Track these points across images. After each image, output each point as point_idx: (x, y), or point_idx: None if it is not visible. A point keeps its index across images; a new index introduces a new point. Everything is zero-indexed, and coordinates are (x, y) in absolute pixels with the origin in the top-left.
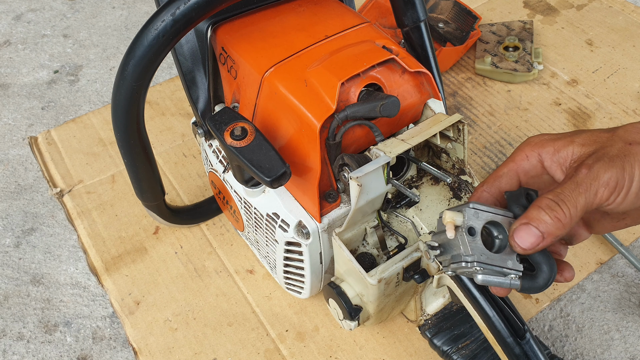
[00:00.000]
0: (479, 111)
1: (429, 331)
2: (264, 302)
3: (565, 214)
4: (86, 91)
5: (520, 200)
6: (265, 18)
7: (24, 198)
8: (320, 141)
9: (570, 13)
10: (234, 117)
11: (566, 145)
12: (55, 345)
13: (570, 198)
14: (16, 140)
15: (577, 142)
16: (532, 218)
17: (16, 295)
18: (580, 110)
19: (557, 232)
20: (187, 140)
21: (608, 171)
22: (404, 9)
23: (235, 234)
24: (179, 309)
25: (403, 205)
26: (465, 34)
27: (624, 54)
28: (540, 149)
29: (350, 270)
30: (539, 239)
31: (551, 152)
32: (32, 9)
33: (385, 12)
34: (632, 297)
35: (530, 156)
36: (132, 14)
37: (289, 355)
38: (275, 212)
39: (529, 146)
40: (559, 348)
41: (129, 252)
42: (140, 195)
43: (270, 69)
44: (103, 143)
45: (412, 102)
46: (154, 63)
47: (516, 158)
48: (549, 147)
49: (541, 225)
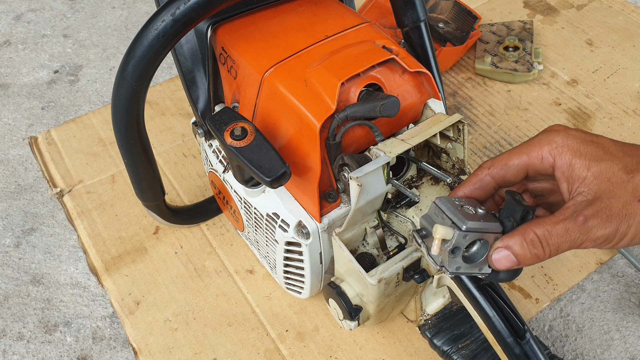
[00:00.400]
0: (479, 111)
1: (429, 331)
2: (264, 302)
3: (545, 253)
4: (86, 91)
5: (515, 215)
6: (265, 18)
7: (24, 198)
8: (320, 141)
9: (570, 13)
10: (234, 117)
11: (582, 169)
12: (55, 345)
13: (555, 241)
14: (16, 140)
15: (593, 171)
16: (512, 247)
17: (16, 295)
18: (580, 110)
19: (533, 263)
20: (187, 140)
21: (601, 230)
22: (404, 9)
23: (235, 234)
24: (179, 309)
25: (403, 205)
26: (465, 34)
27: (624, 54)
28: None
29: (350, 270)
30: (513, 264)
31: (565, 166)
32: (32, 9)
33: (385, 12)
34: (632, 297)
35: (545, 160)
36: (132, 14)
37: (289, 355)
38: (275, 212)
39: (548, 146)
40: (559, 348)
41: (129, 252)
42: (140, 195)
43: (270, 69)
44: (103, 143)
45: (412, 102)
46: (154, 63)
47: (532, 154)
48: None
49: (519, 256)
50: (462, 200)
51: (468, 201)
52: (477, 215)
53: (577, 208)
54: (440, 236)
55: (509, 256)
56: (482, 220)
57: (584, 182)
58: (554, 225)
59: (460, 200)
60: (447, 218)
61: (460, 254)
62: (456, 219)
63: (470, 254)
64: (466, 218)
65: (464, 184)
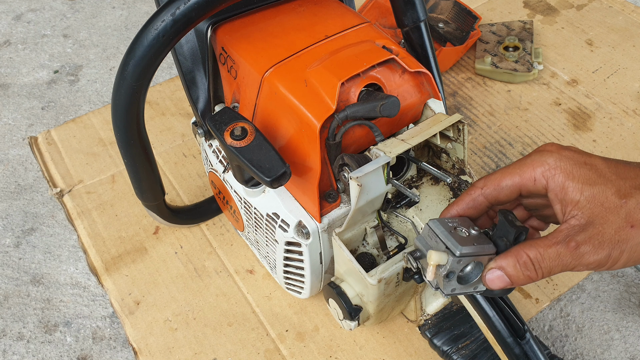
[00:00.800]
0: (479, 111)
1: (429, 331)
2: (264, 302)
3: (538, 275)
4: (86, 91)
5: (508, 235)
6: (265, 18)
7: (24, 198)
8: (320, 141)
9: (570, 13)
10: (234, 117)
11: (575, 192)
12: (55, 345)
13: (548, 265)
14: (16, 140)
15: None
16: (506, 268)
17: (16, 295)
18: (580, 110)
19: (526, 283)
20: (187, 140)
21: (593, 256)
22: (404, 9)
23: (235, 234)
24: (179, 309)
25: (403, 205)
26: (465, 34)
27: (624, 54)
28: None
29: (350, 270)
30: (507, 285)
31: (558, 189)
32: (32, 9)
33: (385, 12)
34: (632, 297)
35: (538, 182)
36: (132, 14)
37: (289, 355)
38: (275, 212)
39: (540, 168)
40: (559, 348)
41: (129, 252)
42: (140, 195)
43: (270, 69)
44: (103, 143)
45: (412, 102)
46: (154, 63)
47: (524, 175)
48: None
49: (512, 277)
50: (455, 221)
51: (461, 221)
52: (470, 238)
53: (570, 232)
54: (435, 262)
55: (502, 277)
56: (476, 244)
57: (577, 206)
58: (547, 249)
59: (453, 221)
60: (440, 242)
61: (455, 277)
62: (450, 244)
63: (465, 274)
64: (460, 243)
65: (457, 202)
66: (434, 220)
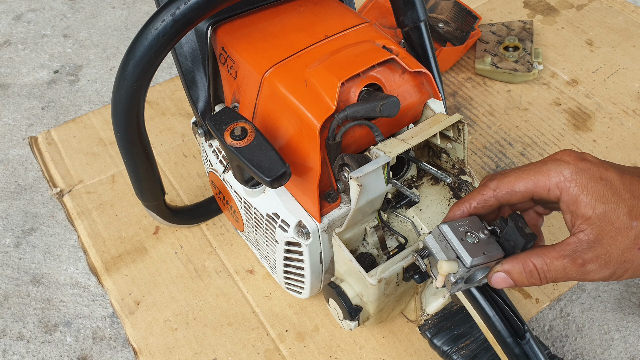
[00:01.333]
0: (479, 111)
1: (429, 331)
2: (264, 302)
3: (542, 282)
4: (86, 91)
5: (518, 242)
6: (265, 18)
7: (24, 198)
8: (320, 141)
9: (570, 13)
10: (234, 117)
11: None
12: (55, 345)
13: (552, 276)
14: (16, 140)
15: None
16: (512, 273)
17: (16, 295)
18: (580, 110)
19: (529, 286)
20: (187, 140)
21: (598, 274)
22: (404, 9)
23: (235, 234)
24: (179, 309)
25: (403, 205)
26: (465, 34)
27: (624, 54)
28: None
29: (350, 270)
30: (511, 286)
31: (571, 201)
32: (32, 9)
33: (385, 12)
34: (632, 297)
35: (552, 193)
36: (132, 14)
37: (289, 355)
38: (275, 212)
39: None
40: (559, 348)
41: (129, 252)
42: (140, 195)
43: (270, 69)
44: (103, 143)
45: (412, 102)
46: (154, 63)
47: (539, 183)
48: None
49: (517, 281)
50: (465, 224)
51: (471, 222)
52: (480, 245)
53: (578, 248)
54: (445, 273)
55: (507, 279)
56: (485, 252)
57: (587, 221)
58: (554, 261)
59: (463, 223)
60: (451, 250)
61: (462, 282)
62: (461, 253)
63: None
64: (470, 254)
65: (469, 200)
66: (444, 224)
